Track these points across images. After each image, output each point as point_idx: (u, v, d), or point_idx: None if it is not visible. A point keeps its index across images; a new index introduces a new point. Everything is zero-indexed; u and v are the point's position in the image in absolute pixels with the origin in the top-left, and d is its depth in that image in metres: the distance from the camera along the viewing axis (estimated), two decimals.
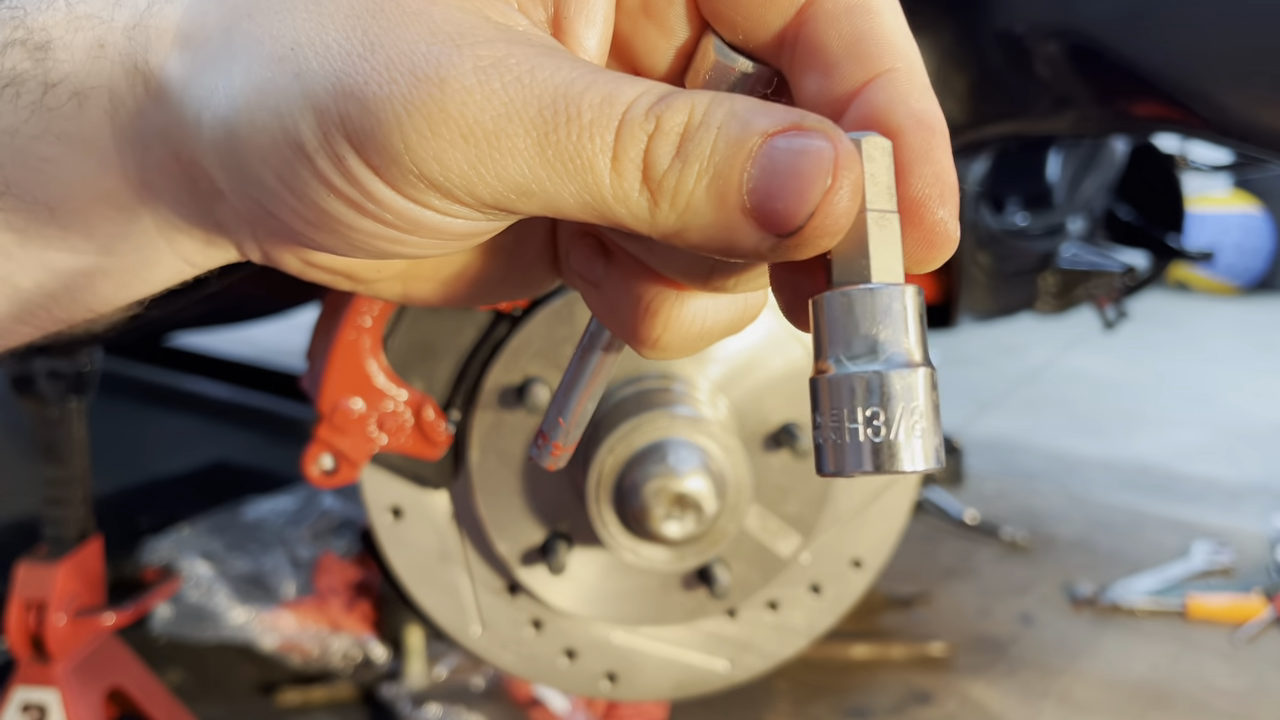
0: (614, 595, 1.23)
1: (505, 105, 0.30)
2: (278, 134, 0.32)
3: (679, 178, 0.31)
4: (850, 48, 0.34)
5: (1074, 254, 1.81)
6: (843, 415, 0.31)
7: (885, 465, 0.30)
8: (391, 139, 0.31)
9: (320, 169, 0.32)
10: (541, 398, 1.16)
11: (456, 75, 0.30)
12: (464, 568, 1.25)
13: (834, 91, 0.34)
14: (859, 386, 0.31)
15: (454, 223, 0.34)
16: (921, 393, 0.31)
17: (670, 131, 0.31)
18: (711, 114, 0.31)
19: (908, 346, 0.31)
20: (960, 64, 1.17)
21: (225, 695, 1.74)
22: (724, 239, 0.31)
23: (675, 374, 1.19)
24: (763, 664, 1.31)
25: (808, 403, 0.32)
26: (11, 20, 0.37)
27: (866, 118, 0.33)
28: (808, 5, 0.35)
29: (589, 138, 0.30)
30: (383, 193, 0.32)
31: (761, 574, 1.24)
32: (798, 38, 0.35)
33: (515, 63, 0.31)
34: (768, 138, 0.30)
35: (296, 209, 0.34)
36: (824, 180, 0.30)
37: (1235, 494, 2.75)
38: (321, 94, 0.31)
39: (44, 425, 1.39)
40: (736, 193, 0.30)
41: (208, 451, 2.79)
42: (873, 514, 1.28)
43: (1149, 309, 3.46)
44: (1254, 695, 1.81)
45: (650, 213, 0.31)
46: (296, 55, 0.32)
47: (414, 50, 0.31)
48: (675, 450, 1.10)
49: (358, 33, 0.31)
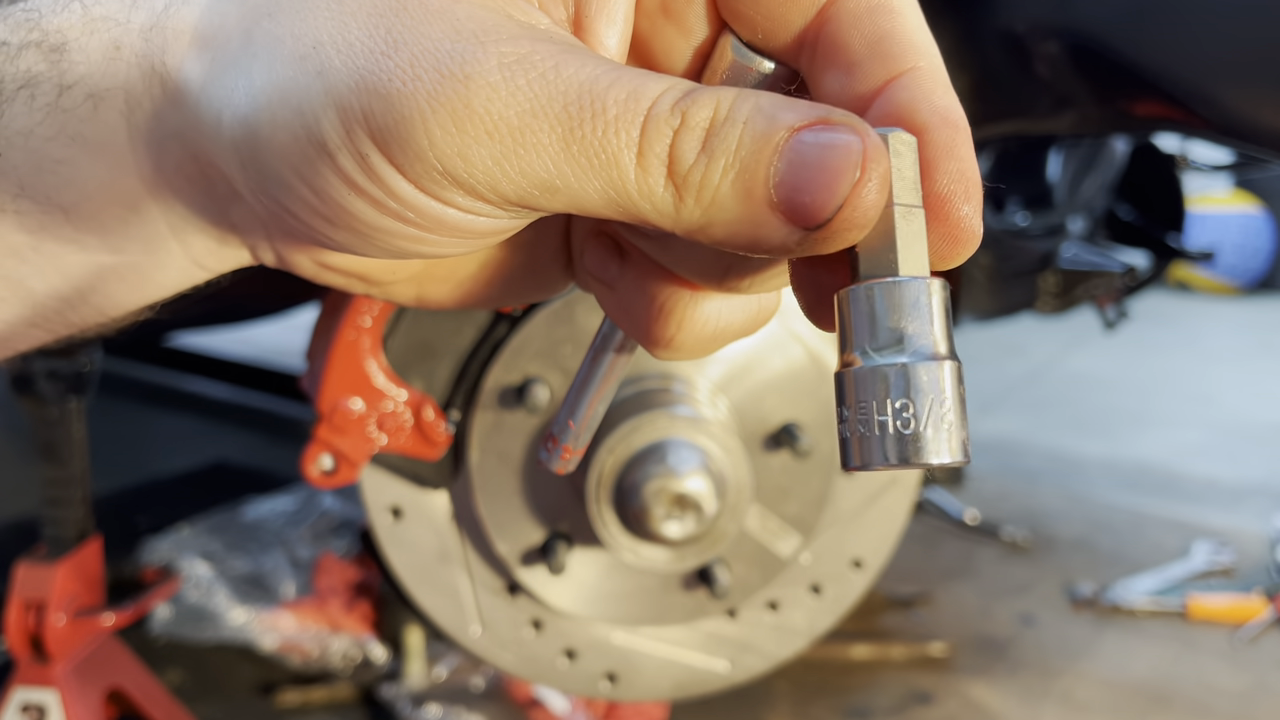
0: (614, 595, 1.23)
1: (530, 101, 0.30)
2: (299, 132, 0.32)
3: (705, 172, 0.31)
4: (872, 47, 0.34)
5: (1074, 254, 1.81)
6: (869, 408, 0.31)
7: (912, 458, 0.30)
8: (415, 135, 0.31)
9: (342, 166, 0.32)
10: (541, 398, 1.16)
11: (482, 72, 0.30)
12: (464, 568, 1.25)
13: (856, 90, 0.34)
14: (886, 379, 0.31)
15: (476, 220, 0.34)
16: (948, 385, 0.31)
17: (696, 127, 0.31)
18: (737, 109, 0.31)
19: (934, 339, 0.31)
20: (961, 64, 1.17)
21: (225, 696, 1.74)
22: (750, 233, 0.31)
23: (675, 374, 1.19)
24: (763, 664, 1.31)
25: (807, 402, 0.33)
26: (27, 22, 0.37)
27: (890, 116, 0.33)
28: (829, 5, 0.35)
29: (614, 133, 0.30)
30: (405, 190, 0.32)
31: (762, 574, 1.24)
32: (818, 37, 0.35)
33: (540, 59, 0.31)
34: (794, 132, 0.30)
35: (317, 207, 0.34)
36: (852, 173, 0.30)
37: (1236, 494, 2.75)
38: (344, 91, 0.31)
39: (43, 425, 1.38)
40: (763, 186, 0.30)
41: (207, 451, 2.79)
42: (873, 514, 1.28)
43: (1150, 309, 3.46)
44: (1255, 695, 1.81)
45: (675, 208, 0.31)
46: (319, 53, 0.32)
47: (438, 47, 0.31)
48: (675, 450, 1.10)
49: (381, 30, 0.31)
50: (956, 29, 1.16)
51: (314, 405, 1.17)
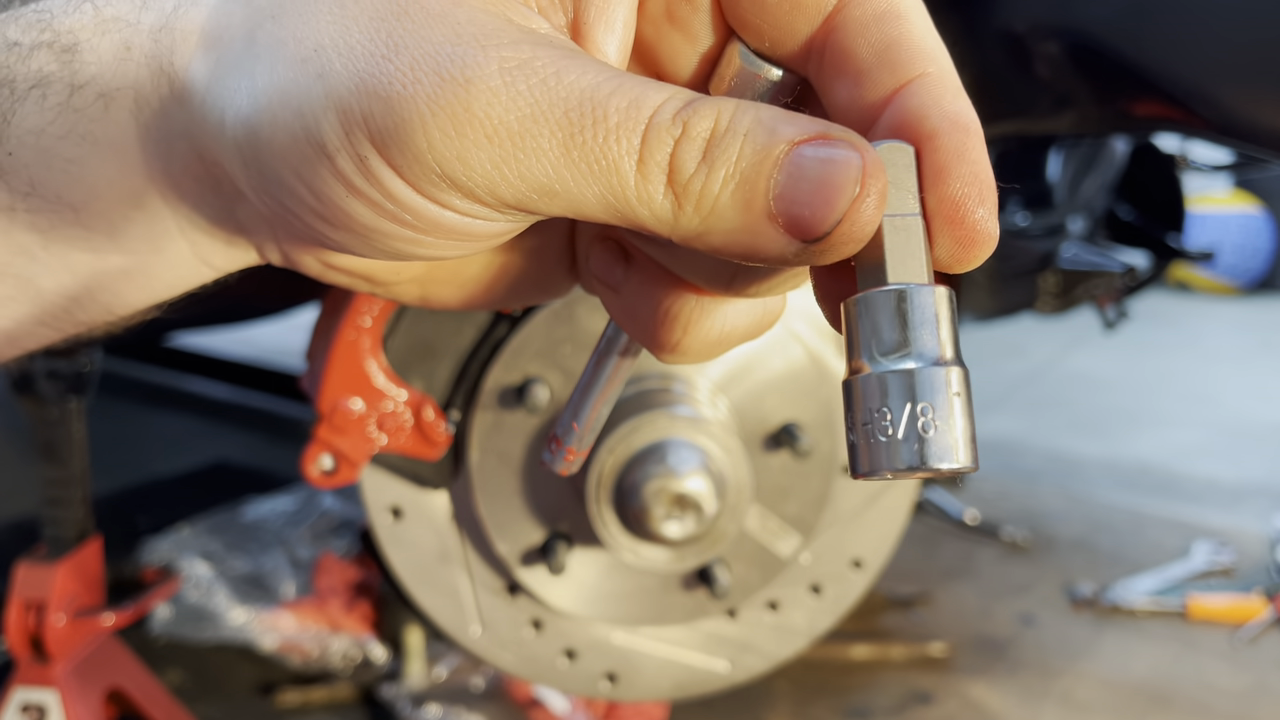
0: (614, 595, 1.23)
1: (531, 106, 0.31)
2: (299, 133, 0.33)
3: (705, 182, 0.31)
4: (881, 54, 0.34)
5: (1074, 254, 1.81)
6: (876, 415, 0.31)
7: (920, 464, 0.31)
8: (415, 138, 0.31)
9: (341, 169, 0.33)
10: (541, 398, 1.16)
11: (482, 76, 0.31)
12: (464, 568, 1.25)
13: (866, 99, 0.34)
14: (892, 385, 0.31)
15: (474, 223, 0.34)
16: (954, 390, 0.31)
17: (697, 137, 0.31)
18: (738, 120, 0.31)
19: (939, 345, 0.31)
20: (961, 63, 1.16)
21: (225, 695, 1.74)
22: (748, 243, 0.32)
23: (675, 374, 1.19)
24: (763, 664, 1.31)
25: (807, 403, 0.33)
26: (39, 23, 0.38)
27: (901, 123, 0.33)
28: (835, 13, 0.35)
29: (615, 140, 0.31)
30: (403, 192, 0.33)
31: (761, 574, 1.24)
32: (825, 45, 0.35)
33: (541, 65, 0.31)
34: (794, 145, 0.31)
35: (316, 209, 0.35)
36: (851, 189, 0.30)
37: (1236, 494, 2.75)
38: (345, 94, 0.32)
39: (43, 425, 1.38)
40: (763, 198, 0.31)
41: (207, 451, 2.79)
42: (873, 514, 1.28)
43: (1149, 309, 3.46)
44: (1255, 695, 1.81)
45: (674, 215, 0.32)
46: (320, 56, 0.32)
47: (439, 51, 0.31)
48: (675, 450, 1.10)
49: (382, 34, 0.32)
50: (957, 28, 1.16)
51: (314, 405, 1.17)
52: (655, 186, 0.31)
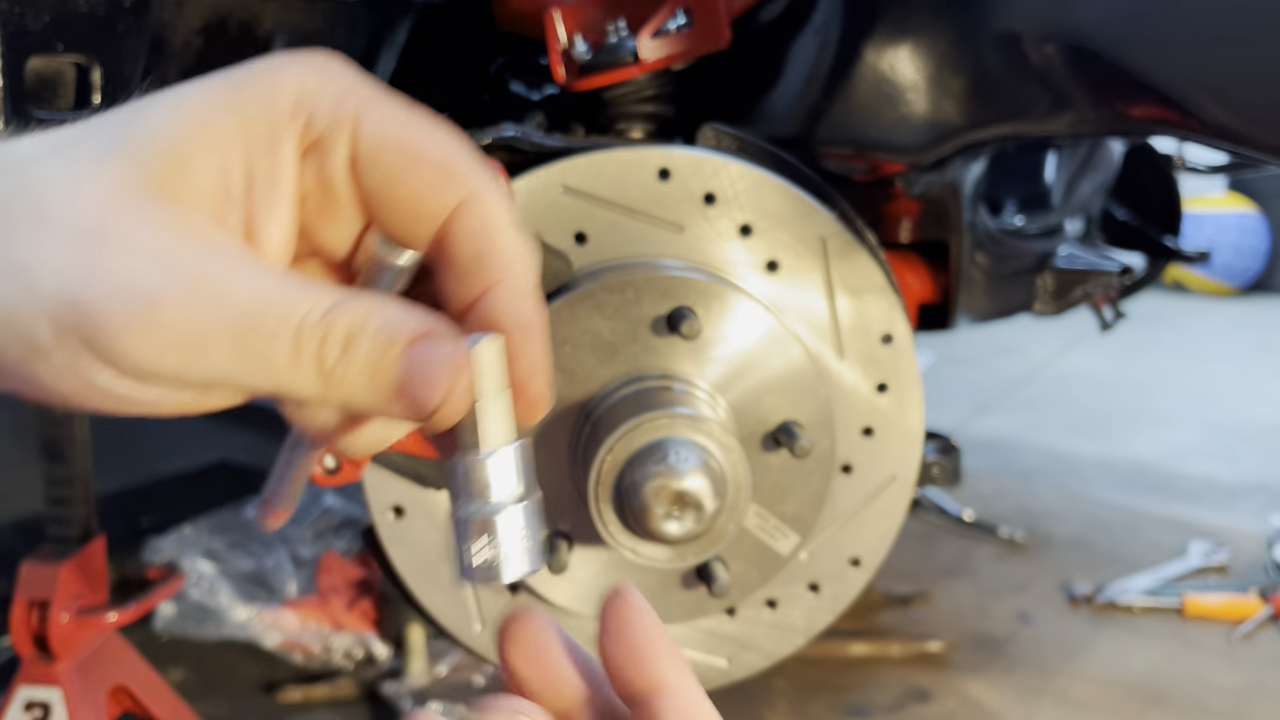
0: None
1: (206, 317, 0.38)
2: (22, 336, 0.39)
3: (345, 370, 0.40)
4: (474, 262, 0.43)
5: (1071, 255, 1.82)
6: (464, 547, 0.43)
7: (491, 580, 0.43)
8: (116, 346, 0.38)
9: (55, 364, 0.40)
10: None
11: (167, 298, 0.38)
12: None
13: (464, 296, 0.44)
14: (472, 526, 0.42)
15: (177, 395, 0.42)
16: (521, 521, 0.43)
17: (336, 337, 0.40)
18: (368, 321, 0.40)
19: (510, 491, 0.43)
20: (957, 66, 1.18)
21: (228, 693, 1.75)
22: (383, 410, 0.41)
23: (675, 374, 1.20)
24: (761, 662, 1.32)
25: (806, 402, 0.35)
26: None
27: (486, 318, 0.43)
28: (448, 222, 0.43)
29: (273, 340, 0.39)
30: (110, 381, 0.40)
31: (760, 572, 1.25)
32: (443, 243, 0.44)
33: (214, 279, 0.39)
34: (409, 344, 0.40)
35: (41, 390, 0.42)
36: (449, 379, 0.40)
37: (1232, 493, 2.76)
38: (54, 308, 0.38)
39: (47, 425, 1.39)
40: (388, 383, 0.40)
41: (210, 451, 2.80)
42: (871, 513, 1.29)
43: (1146, 309, 3.46)
44: (1251, 693, 1.82)
45: (324, 392, 0.41)
46: (28, 274, 0.39)
47: (133, 276, 0.38)
48: (675, 449, 1.11)
49: (81, 259, 0.38)
50: (954, 30, 1.17)
51: None
52: (307, 374, 0.40)
